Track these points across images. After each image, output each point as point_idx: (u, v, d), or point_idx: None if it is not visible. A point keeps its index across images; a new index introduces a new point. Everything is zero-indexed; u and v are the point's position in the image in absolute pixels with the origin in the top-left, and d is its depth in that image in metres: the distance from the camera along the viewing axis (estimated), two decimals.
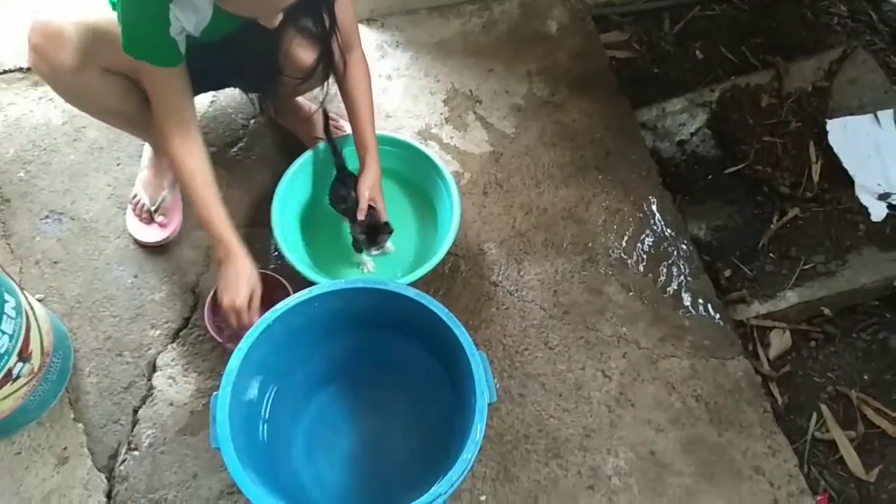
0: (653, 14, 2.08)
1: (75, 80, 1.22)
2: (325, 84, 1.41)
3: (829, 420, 1.43)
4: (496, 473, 1.30)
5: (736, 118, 1.83)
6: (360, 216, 1.37)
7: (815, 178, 1.72)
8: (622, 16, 2.07)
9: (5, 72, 1.77)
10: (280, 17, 1.07)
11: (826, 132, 1.75)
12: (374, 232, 1.37)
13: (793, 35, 2.04)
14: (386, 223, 1.38)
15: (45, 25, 1.17)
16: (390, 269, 1.48)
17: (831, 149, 1.72)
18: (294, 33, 1.26)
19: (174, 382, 1.36)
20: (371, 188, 1.37)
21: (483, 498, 1.28)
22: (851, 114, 1.78)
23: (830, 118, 1.77)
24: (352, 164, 1.47)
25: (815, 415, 1.46)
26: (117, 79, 1.27)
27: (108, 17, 1.18)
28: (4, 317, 1.12)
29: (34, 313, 1.23)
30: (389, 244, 1.43)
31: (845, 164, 1.70)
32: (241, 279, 1.19)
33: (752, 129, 1.80)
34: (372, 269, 1.47)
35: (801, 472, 1.35)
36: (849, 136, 1.74)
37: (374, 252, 1.42)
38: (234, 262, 1.20)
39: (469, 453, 0.98)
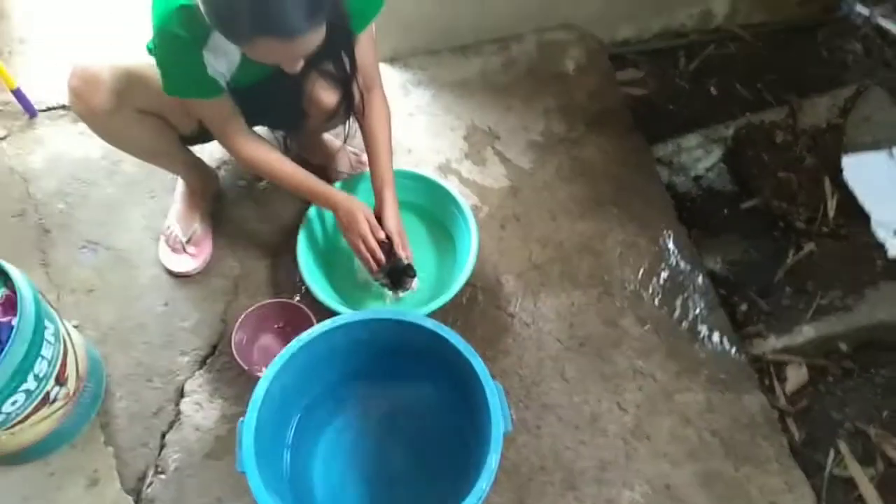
0: (668, 52, 2.14)
1: (111, 121, 1.31)
2: (348, 122, 1.47)
3: (847, 457, 1.43)
4: None
5: (751, 154, 1.86)
6: (401, 252, 1.38)
7: (831, 213, 1.74)
8: (638, 54, 2.13)
9: (48, 109, 1.88)
10: (301, 63, 1.13)
11: (841, 168, 1.77)
12: (397, 275, 1.40)
13: (807, 72, 2.08)
14: (409, 266, 1.39)
15: (83, 70, 1.26)
16: (409, 299, 1.52)
17: (846, 185, 1.74)
18: (317, 77, 1.33)
19: (201, 408, 1.40)
20: (395, 223, 1.40)
21: None
22: (866, 150, 1.80)
23: (845, 154, 1.79)
24: (367, 199, 1.52)
25: (832, 451, 1.46)
26: (150, 119, 1.36)
27: (141, 62, 1.27)
28: (45, 342, 1.18)
29: (71, 339, 1.30)
30: (414, 282, 1.45)
31: (861, 200, 1.72)
32: (354, 213, 1.35)
33: (767, 165, 1.83)
34: (395, 299, 1.51)
35: None
36: (864, 172, 1.77)
37: (401, 295, 1.45)
38: (342, 204, 1.37)
39: (484, 482, 1.00)
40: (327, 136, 1.72)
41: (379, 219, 1.40)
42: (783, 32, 2.18)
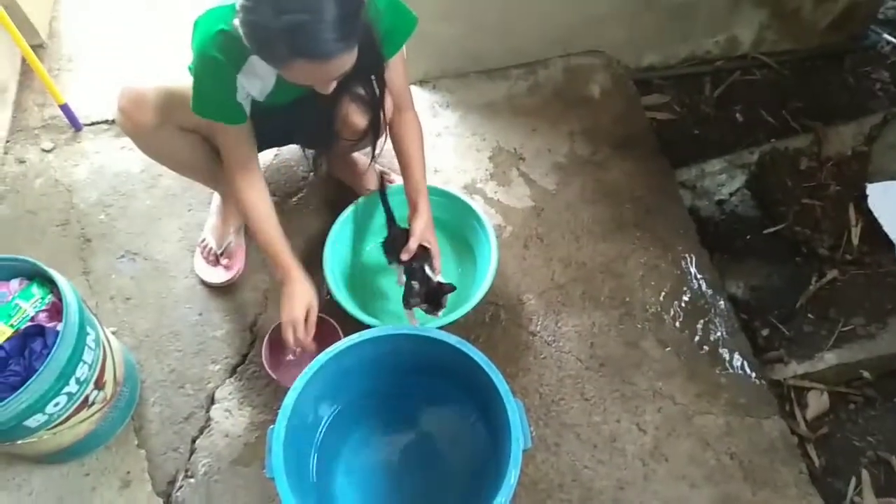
0: (694, 78, 2.17)
1: (154, 137, 1.39)
2: (376, 143, 1.52)
3: (865, 485, 1.42)
4: None
5: (775, 180, 1.87)
6: (405, 257, 1.39)
7: (855, 241, 1.74)
8: (664, 79, 2.16)
9: (93, 123, 1.96)
10: (334, 84, 1.18)
11: (866, 196, 1.77)
12: (433, 296, 1.39)
13: (833, 100, 2.09)
14: (441, 285, 1.39)
15: (131, 91, 1.34)
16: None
17: (871, 213, 1.74)
18: (349, 101, 1.39)
19: (230, 415, 1.45)
20: (423, 228, 1.42)
21: None
22: (892, 178, 1.80)
23: (870, 182, 1.80)
24: (400, 214, 1.57)
25: (854, 479, 1.46)
26: (191, 136, 1.43)
27: (184, 82, 1.34)
28: (86, 348, 1.23)
29: (109, 345, 1.35)
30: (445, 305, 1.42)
31: (886, 229, 1.72)
32: (295, 298, 1.31)
33: (791, 192, 1.84)
34: (415, 324, 1.52)
35: None
36: (889, 200, 1.77)
37: (440, 315, 1.42)
38: (292, 284, 1.33)
39: (503, 497, 1.03)
40: (356, 155, 1.78)
41: (412, 226, 1.43)
42: (809, 60, 2.20)
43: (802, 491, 1.38)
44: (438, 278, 1.41)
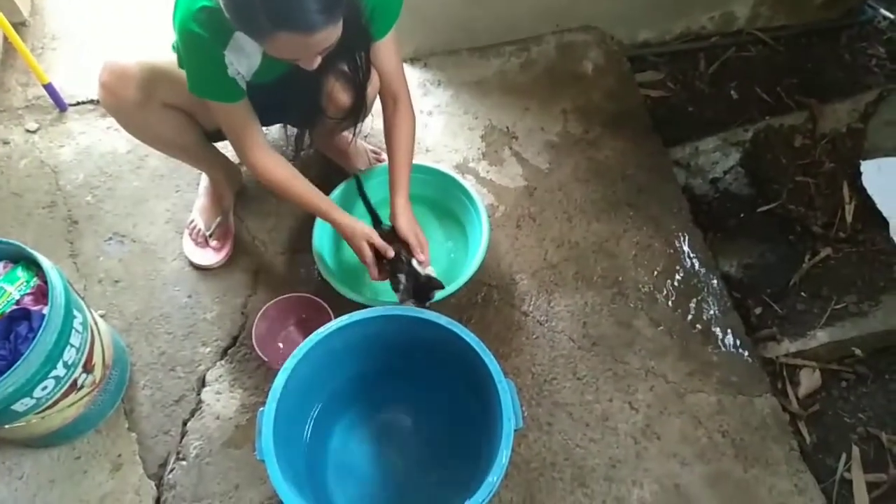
0: (688, 54, 2.14)
1: (139, 114, 1.35)
2: (360, 122, 1.50)
3: (854, 461, 1.43)
4: (522, 499, 1.34)
5: (769, 157, 1.86)
6: (421, 256, 1.38)
7: (849, 218, 1.74)
8: (658, 56, 2.13)
9: (78, 103, 1.93)
10: (319, 60, 1.16)
11: (860, 173, 1.76)
12: (421, 291, 1.37)
13: (829, 76, 2.07)
14: (429, 279, 1.37)
15: (113, 65, 1.30)
16: None
17: (865, 190, 1.74)
18: (334, 79, 1.36)
19: (221, 397, 1.45)
20: (405, 227, 1.40)
21: None
22: (886, 155, 1.79)
23: (865, 159, 1.78)
24: (381, 195, 1.53)
25: (844, 455, 1.46)
26: (176, 113, 1.40)
27: (169, 58, 1.31)
28: (73, 331, 1.22)
29: (97, 328, 1.34)
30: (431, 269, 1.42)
31: (880, 206, 1.71)
32: (355, 241, 1.38)
33: (785, 169, 1.83)
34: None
35: None
36: (884, 177, 1.76)
37: (418, 303, 1.40)
38: (344, 230, 1.39)
39: (494, 476, 1.03)
40: (347, 135, 1.75)
41: (394, 226, 1.42)
42: (805, 36, 2.17)
43: (793, 468, 1.39)
44: (428, 271, 1.39)
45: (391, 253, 1.37)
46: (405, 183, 1.44)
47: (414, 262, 1.37)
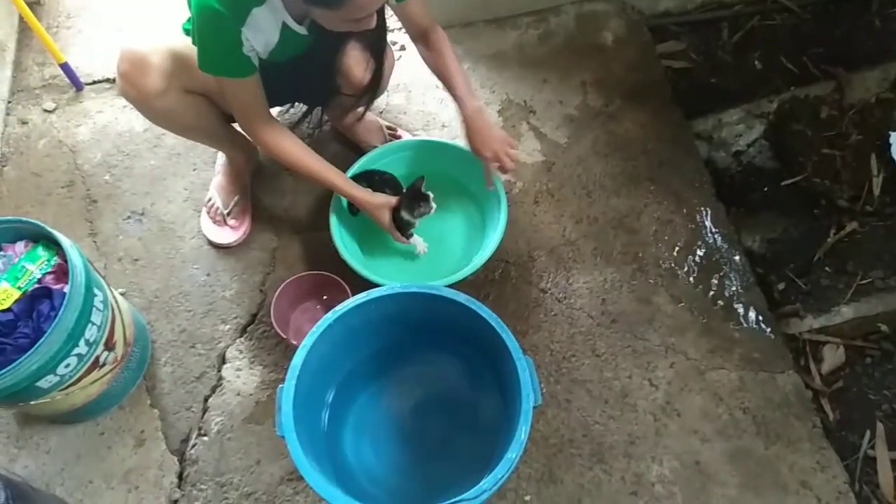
0: (711, 24, 2.08)
1: (160, 102, 1.34)
2: (376, 97, 1.49)
3: (879, 438, 1.41)
4: (541, 475, 1.34)
5: (794, 129, 1.81)
6: (509, 164, 1.44)
7: (876, 191, 1.69)
8: (679, 25, 2.07)
9: (95, 82, 1.93)
10: (375, 19, 1.15)
11: (889, 145, 1.71)
12: (416, 199, 1.46)
13: (857, 44, 1.99)
14: (424, 194, 1.47)
15: (132, 54, 1.29)
16: (438, 269, 1.54)
17: (894, 162, 1.68)
18: (349, 52, 1.36)
19: (242, 374, 1.46)
20: (473, 137, 1.44)
21: (528, 498, 1.32)
22: None
23: (894, 131, 1.73)
24: (398, 172, 1.57)
25: (868, 432, 1.44)
26: (196, 98, 1.39)
27: (184, 42, 1.29)
28: (94, 309, 1.23)
29: (118, 306, 1.35)
30: (432, 204, 1.48)
31: None
32: (377, 213, 1.45)
33: (810, 141, 1.78)
34: (424, 250, 1.53)
35: (852, 489, 1.34)
36: None
37: (413, 216, 1.47)
38: (364, 205, 1.44)
39: (513, 453, 1.02)
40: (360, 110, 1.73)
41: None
42: (833, 2, 2.09)
43: (816, 445, 1.37)
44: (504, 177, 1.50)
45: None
46: (471, 89, 1.46)
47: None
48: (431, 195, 1.47)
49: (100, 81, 1.93)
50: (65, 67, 1.86)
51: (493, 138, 1.43)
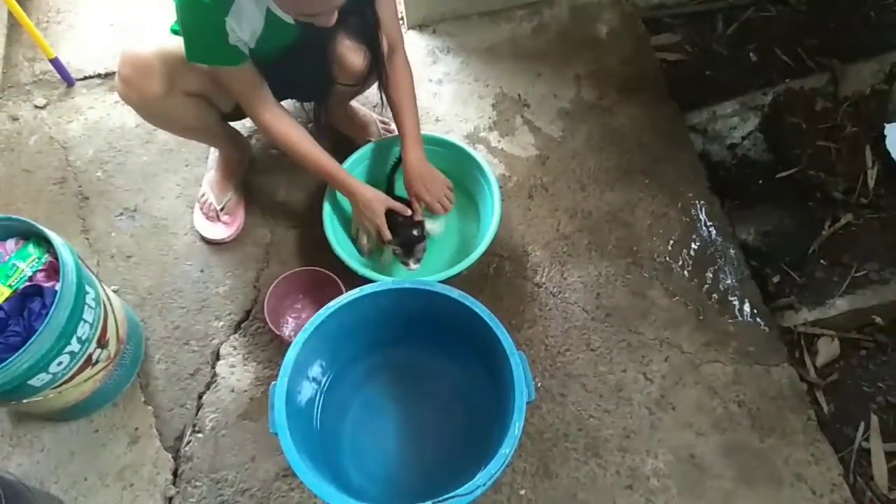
0: (706, 16, 2.07)
1: (161, 106, 1.33)
2: (380, 92, 1.47)
3: (873, 430, 1.41)
4: (536, 469, 1.34)
5: (789, 122, 1.80)
6: (417, 217, 1.44)
7: (871, 183, 1.69)
8: (674, 17, 2.06)
9: (86, 77, 1.91)
10: (335, 16, 1.13)
11: (884, 137, 1.71)
12: (409, 245, 1.44)
13: (852, 36, 1.99)
14: (419, 233, 1.44)
15: (133, 58, 1.27)
16: (432, 265, 1.53)
17: (888, 154, 1.68)
18: (342, 41, 1.34)
19: (236, 370, 1.45)
20: (417, 190, 1.44)
21: (523, 492, 1.32)
22: None
23: (889, 122, 1.73)
24: (390, 164, 1.57)
25: (862, 425, 1.44)
26: (196, 99, 1.38)
27: (182, 43, 1.28)
28: (86, 307, 1.23)
29: (111, 304, 1.35)
30: (439, 226, 1.48)
31: None
32: (372, 205, 1.41)
33: (805, 134, 1.77)
34: (415, 268, 1.52)
35: (847, 481, 1.34)
36: None
37: (414, 266, 1.47)
38: (355, 196, 1.41)
39: (507, 448, 1.02)
40: (356, 106, 1.72)
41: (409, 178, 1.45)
42: None
43: (810, 437, 1.37)
44: (422, 224, 1.46)
45: (408, 211, 1.44)
46: (414, 128, 1.45)
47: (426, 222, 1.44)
48: (426, 228, 1.48)
49: (91, 77, 1.91)
50: (55, 63, 1.84)
51: (434, 183, 1.46)
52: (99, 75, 1.91)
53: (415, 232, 1.45)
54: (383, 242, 1.45)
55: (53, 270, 1.24)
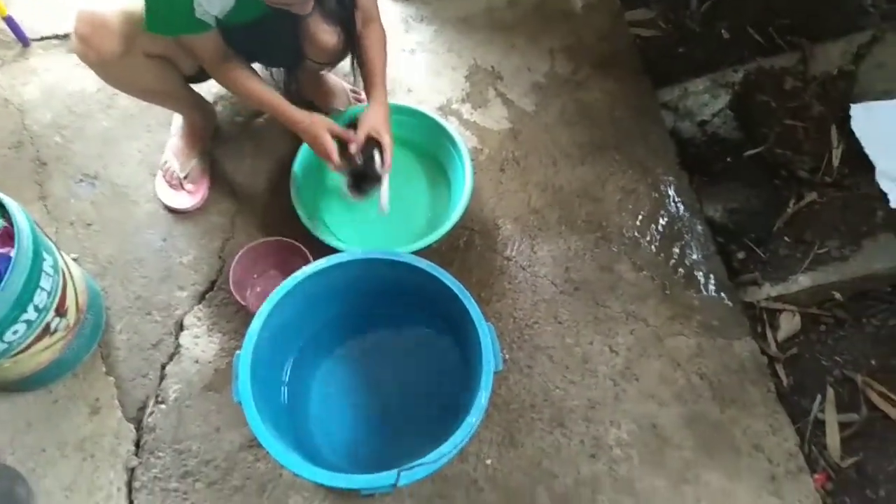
0: None
1: (120, 66, 1.28)
2: (355, 66, 1.45)
3: (829, 403, 1.45)
4: (502, 439, 1.36)
5: (758, 100, 1.82)
6: (352, 149, 1.39)
7: (836, 162, 1.71)
8: None
9: (42, 38, 1.84)
10: (311, 4, 1.10)
11: (849, 117, 1.73)
12: (359, 179, 1.43)
13: (823, 17, 2.00)
14: (370, 168, 1.40)
15: (91, 16, 1.21)
16: (403, 236, 1.52)
17: (853, 134, 1.71)
18: (316, 20, 1.31)
19: (200, 341, 1.43)
20: (373, 124, 1.40)
21: (489, 461, 1.33)
22: (877, 99, 1.76)
23: (855, 103, 1.75)
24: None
25: (819, 396, 1.49)
26: (157, 61, 1.34)
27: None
28: (43, 274, 1.19)
29: (70, 272, 1.31)
30: (385, 203, 1.43)
31: (867, 150, 1.68)
32: (316, 129, 1.37)
33: (774, 112, 1.79)
34: (385, 207, 1.46)
35: (802, 451, 1.39)
36: (872, 121, 1.73)
37: (357, 198, 1.45)
38: (302, 124, 1.38)
39: (474, 417, 1.03)
40: (328, 74, 1.69)
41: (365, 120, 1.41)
42: None
43: (770, 409, 1.41)
44: (385, 177, 1.41)
45: (353, 146, 1.39)
46: (382, 80, 1.42)
47: (376, 156, 1.39)
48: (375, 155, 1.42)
49: (48, 38, 1.84)
50: (9, 21, 1.76)
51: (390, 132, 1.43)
52: (56, 36, 1.84)
53: (365, 163, 1.41)
54: (335, 168, 1.42)
55: (8, 237, 1.19)
